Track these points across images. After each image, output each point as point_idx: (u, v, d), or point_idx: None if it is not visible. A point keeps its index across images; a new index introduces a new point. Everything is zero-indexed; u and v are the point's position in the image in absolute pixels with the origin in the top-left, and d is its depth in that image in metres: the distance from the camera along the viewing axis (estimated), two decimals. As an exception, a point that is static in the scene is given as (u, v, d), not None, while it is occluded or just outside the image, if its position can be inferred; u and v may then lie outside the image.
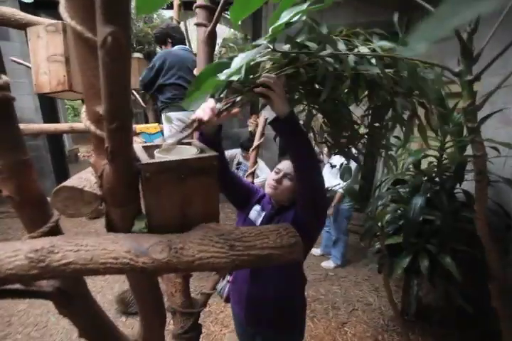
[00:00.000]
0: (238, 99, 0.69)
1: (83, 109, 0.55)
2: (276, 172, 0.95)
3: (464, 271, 1.39)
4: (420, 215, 1.36)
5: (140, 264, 0.54)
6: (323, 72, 0.66)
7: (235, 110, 0.72)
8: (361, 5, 3.16)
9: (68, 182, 0.56)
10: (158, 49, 2.64)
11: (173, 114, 2.05)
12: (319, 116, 0.87)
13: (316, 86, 0.75)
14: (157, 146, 0.68)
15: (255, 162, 1.50)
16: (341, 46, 0.63)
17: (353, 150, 0.92)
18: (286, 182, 0.93)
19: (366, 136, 0.86)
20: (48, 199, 0.62)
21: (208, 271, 0.64)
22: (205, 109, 0.67)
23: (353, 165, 2.32)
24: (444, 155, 1.51)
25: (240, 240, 0.61)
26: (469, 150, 1.54)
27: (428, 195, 1.46)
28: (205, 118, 0.66)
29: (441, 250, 1.42)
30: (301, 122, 0.79)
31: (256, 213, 1.00)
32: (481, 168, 0.71)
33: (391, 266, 1.51)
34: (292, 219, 0.89)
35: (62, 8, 0.48)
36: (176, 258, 0.56)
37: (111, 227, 0.62)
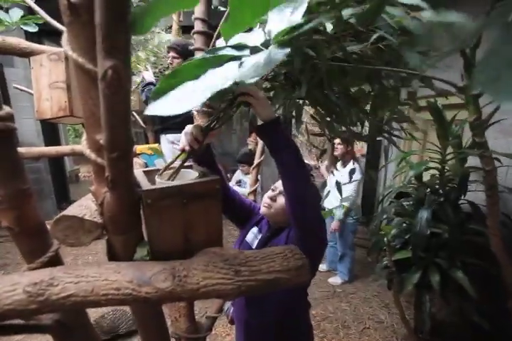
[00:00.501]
0: (221, 114, 0.68)
1: (83, 136, 0.55)
2: (273, 190, 0.92)
3: (477, 286, 1.34)
4: (428, 229, 1.34)
5: (143, 294, 0.52)
6: (298, 67, 0.63)
7: (213, 132, 0.70)
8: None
9: (68, 211, 0.55)
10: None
11: (173, 136, 2.06)
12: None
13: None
14: (158, 170, 0.68)
15: (256, 180, 1.50)
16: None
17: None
18: (281, 200, 0.88)
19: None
20: (48, 226, 0.61)
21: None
22: (189, 137, 0.66)
23: (356, 178, 2.32)
24: (446, 167, 1.50)
25: (245, 265, 0.59)
26: (470, 162, 1.54)
27: (432, 208, 1.44)
28: (195, 147, 0.66)
29: (451, 264, 1.38)
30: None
31: (253, 236, 0.97)
32: (492, 182, 0.70)
33: (401, 282, 1.46)
34: (285, 241, 0.85)
35: (65, 41, 0.49)
36: (180, 287, 0.54)
37: (112, 255, 0.60)
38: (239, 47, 0.57)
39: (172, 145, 2.09)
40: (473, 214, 1.52)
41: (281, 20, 0.54)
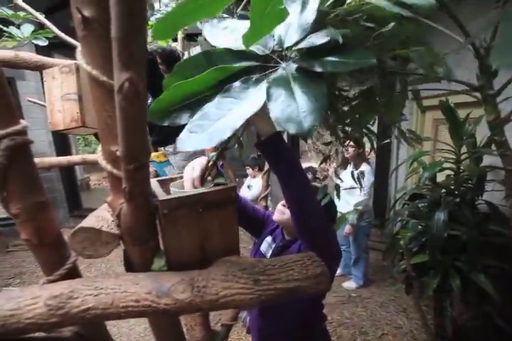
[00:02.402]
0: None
1: (99, 148, 0.55)
2: None
3: (499, 288, 1.30)
4: (445, 231, 1.30)
5: (162, 306, 0.52)
6: None
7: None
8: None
9: (85, 223, 0.55)
10: None
11: (172, 147, 2.06)
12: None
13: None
14: (171, 179, 0.67)
15: (268, 185, 1.49)
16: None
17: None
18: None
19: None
20: (65, 237, 0.61)
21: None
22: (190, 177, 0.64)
23: (369, 180, 2.28)
24: (462, 167, 1.46)
25: (264, 274, 0.58)
26: (485, 161, 1.50)
27: (449, 209, 1.41)
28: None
29: (471, 267, 1.34)
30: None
31: (267, 245, 0.96)
32: (515, 182, 0.67)
33: (420, 287, 1.42)
34: (297, 252, 0.84)
35: (79, 54, 0.50)
36: (199, 298, 0.53)
37: (129, 266, 0.60)
38: (244, 53, 0.55)
39: (173, 156, 2.07)
40: (492, 215, 1.48)
41: (290, 19, 0.52)
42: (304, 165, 4.11)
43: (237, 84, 0.50)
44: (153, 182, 0.65)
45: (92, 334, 0.65)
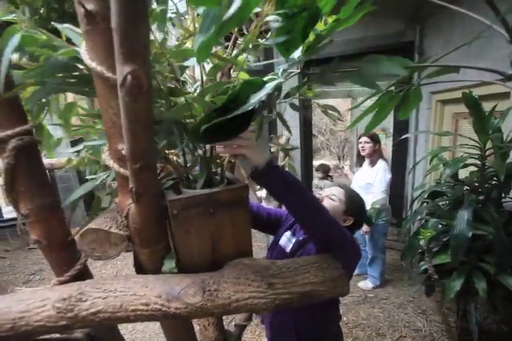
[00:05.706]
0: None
1: (105, 147, 0.54)
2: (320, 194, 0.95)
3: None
4: (470, 230, 1.23)
5: (172, 310, 0.50)
6: None
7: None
8: (370, 18, 3.11)
9: (94, 224, 0.54)
10: None
11: None
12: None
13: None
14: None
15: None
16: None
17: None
18: (326, 202, 0.91)
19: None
20: (75, 237, 0.60)
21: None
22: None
23: (386, 177, 2.21)
24: (487, 164, 1.38)
25: (278, 277, 0.55)
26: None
27: (473, 207, 1.33)
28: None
29: (499, 269, 1.26)
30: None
31: (286, 239, 0.95)
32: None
33: (443, 289, 1.36)
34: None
35: (83, 50, 0.48)
36: (210, 302, 0.51)
37: (139, 268, 0.59)
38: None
39: None
40: (520, 213, 1.39)
41: None
42: (317, 162, 4.04)
43: None
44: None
45: (104, 336, 0.64)
